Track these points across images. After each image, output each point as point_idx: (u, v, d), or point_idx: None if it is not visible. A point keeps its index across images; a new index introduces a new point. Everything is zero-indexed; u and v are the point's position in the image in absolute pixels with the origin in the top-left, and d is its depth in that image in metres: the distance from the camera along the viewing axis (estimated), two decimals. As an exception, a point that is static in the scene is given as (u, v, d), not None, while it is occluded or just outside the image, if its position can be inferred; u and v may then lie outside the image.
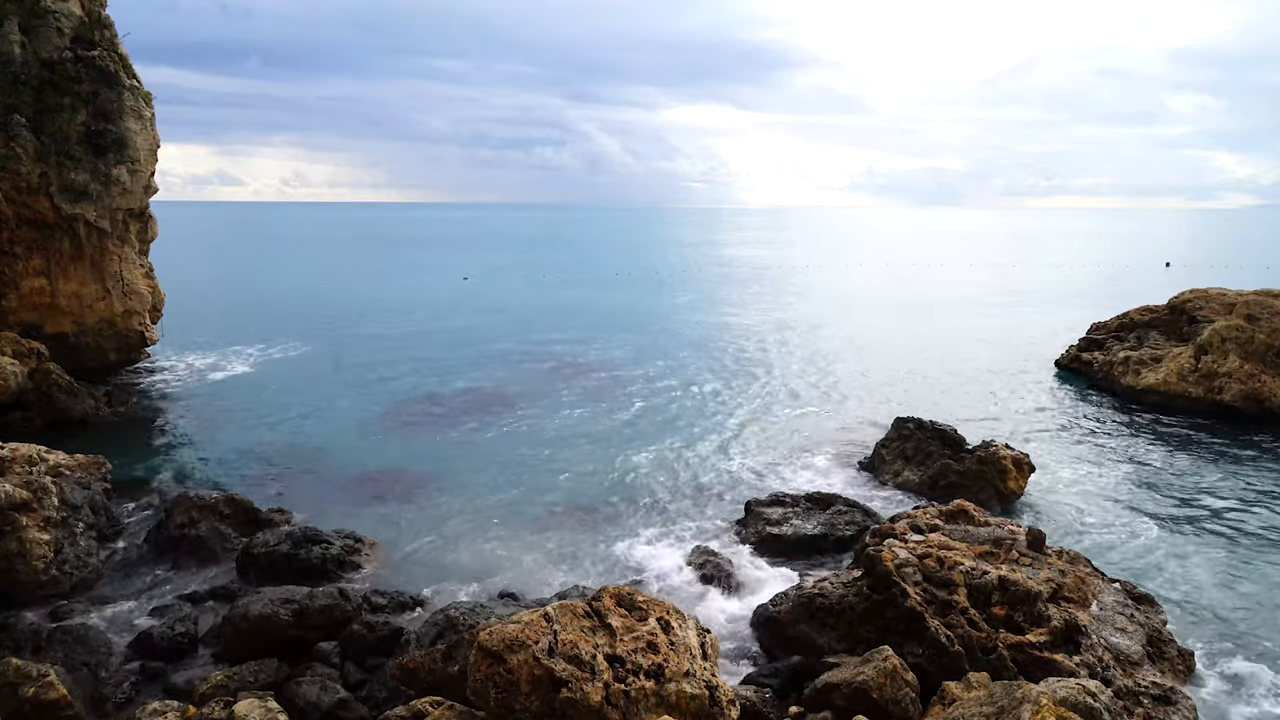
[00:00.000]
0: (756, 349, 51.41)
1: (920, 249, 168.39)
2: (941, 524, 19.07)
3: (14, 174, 33.94)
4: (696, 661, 12.74)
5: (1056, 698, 11.78)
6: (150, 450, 30.26)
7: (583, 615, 12.88)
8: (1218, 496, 26.10)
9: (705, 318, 65.28)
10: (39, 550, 18.57)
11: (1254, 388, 34.44)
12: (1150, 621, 16.89)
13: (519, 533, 23.33)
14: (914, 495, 25.82)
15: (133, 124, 36.91)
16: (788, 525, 22.24)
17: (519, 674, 11.73)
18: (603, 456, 29.88)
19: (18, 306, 35.72)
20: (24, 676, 14.11)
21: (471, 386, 40.70)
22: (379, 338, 54.55)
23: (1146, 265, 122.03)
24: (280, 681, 15.49)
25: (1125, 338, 42.24)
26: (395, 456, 29.70)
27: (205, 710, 13.52)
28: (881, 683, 13.85)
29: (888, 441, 28.78)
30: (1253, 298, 37.74)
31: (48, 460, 21.31)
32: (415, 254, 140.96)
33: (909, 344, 53.13)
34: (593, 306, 71.70)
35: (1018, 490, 25.57)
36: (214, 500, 22.41)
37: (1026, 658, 14.72)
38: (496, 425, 33.79)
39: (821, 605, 16.77)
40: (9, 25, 34.26)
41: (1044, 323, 62.27)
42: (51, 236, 36.00)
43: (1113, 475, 28.10)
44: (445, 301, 74.26)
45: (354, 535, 21.73)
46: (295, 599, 17.12)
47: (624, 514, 24.79)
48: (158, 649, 16.69)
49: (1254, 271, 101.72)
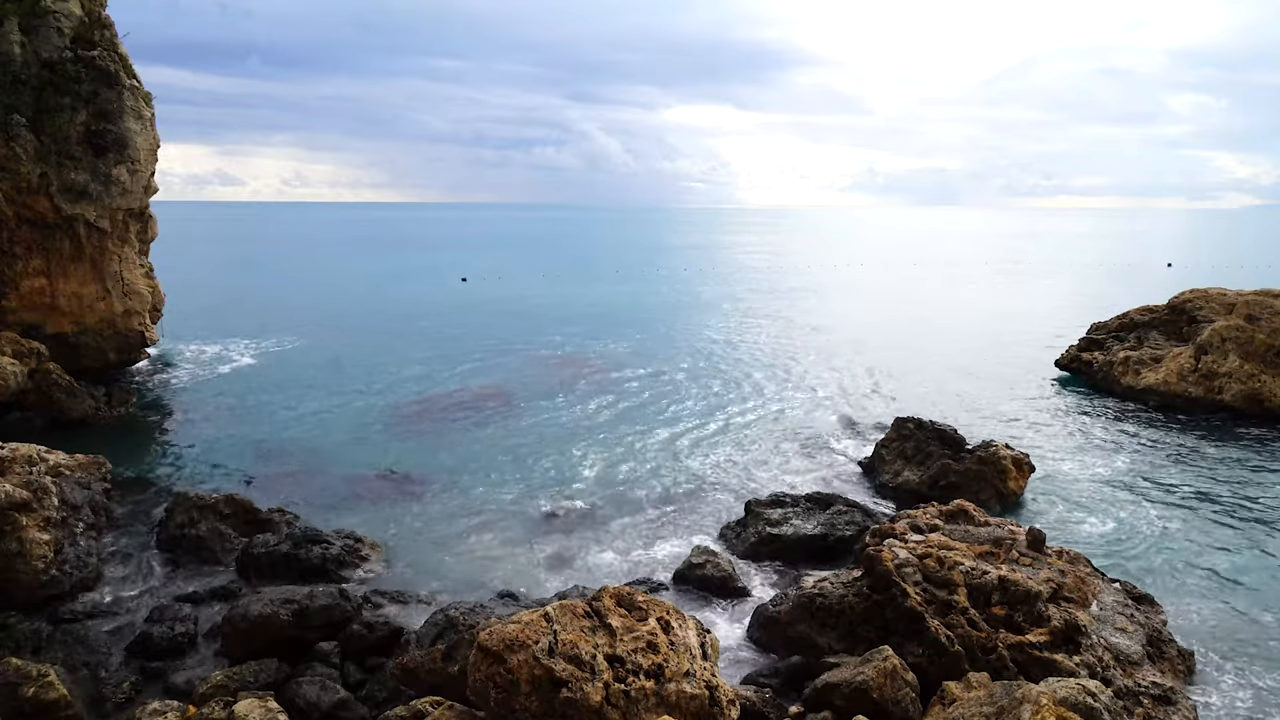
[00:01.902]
0: (756, 349, 51.42)
1: (920, 249, 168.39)
2: (941, 524, 19.07)
3: (14, 174, 33.94)
4: (696, 661, 12.74)
5: (1056, 698, 11.79)
6: (150, 450, 30.26)
7: (583, 615, 12.88)
8: (1218, 496, 26.10)
9: (705, 318, 65.28)
10: (39, 550, 18.56)
11: (1254, 388, 34.45)
12: (1150, 621, 16.89)
13: (519, 533, 23.34)
14: (914, 495, 25.82)
15: (133, 124, 36.90)
16: (788, 525, 22.23)
17: (519, 674, 11.73)
18: (602, 456, 29.89)
19: (18, 306, 35.71)
20: (24, 676, 14.11)
21: (471, 387, 40.69)
22: (379, 338, 54.54)
23: (1146, 265, 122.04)
24: (280, 681, 15.49)
25: (1125, 338, 42.22)
26: (395, 456, 29.70)
27: (205, 710, 13.52)
28: (881, 683, 13.85)
29: (888, 441, 28.77)
30: (1253, 298, 37.74)
31: (48, 460, 21.31)
32: (415, 254, 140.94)
33: (909, 344, 53.15)
34: (592, 307, 71.70)
35: (1018, 490, 25.56)
36: (214, 500, 22.40)
37: (1026, 658, 14.72)
38: (496, 425, 33.79)
39: (821, 605, 16.76)
40: (9, 25, 34.25)
41: (1044, 323, 62.26)
42: (51, 236, 35.99)
43: (1113, 475, 28.09)
44: (444, 302, 74.25)
45: (354, 535, 21.73)
46: (295, 599, 17.12)
47: (624, 514, 24.79)
48: (158, 649, 16.69)
49: (1254, 271, 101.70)
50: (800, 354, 49.76)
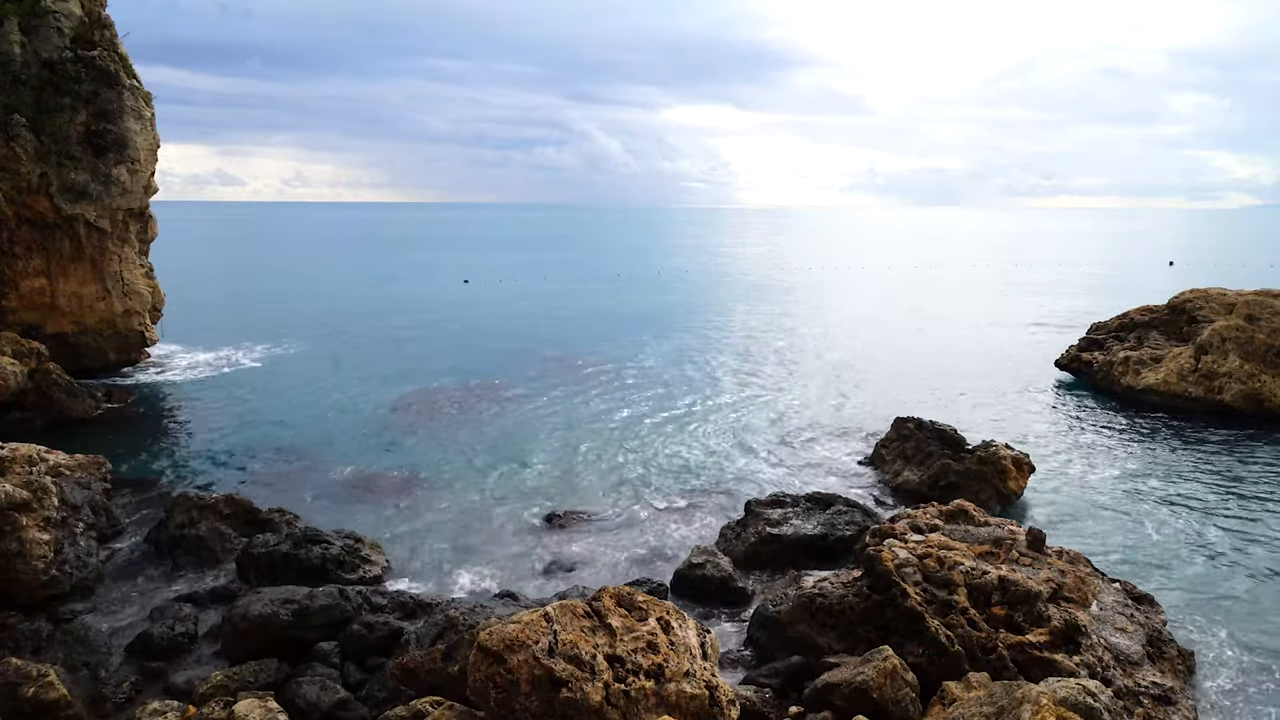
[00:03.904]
0: (756, 349, 51.43)
1: (921, 249, 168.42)
2: (941, 524, 19.06)
3: (14, 174, 33.94)
4: (696, 661, 12.74)
5: (1056, 698, 11.78)
6: (150, 450, 30.26)
7: (583, 615, 12.87)
8: (1218, 496, 26.09)
9: (705, 318, 65.29)
10: (39, 550, 18.56)
11: (1254, 388, 34.45)
12: (1150, 621, 16.88)
13: (519, 533, 23.34)
14: (914, 495, 25.81)
15: (133, 124, 36.91)
16: (788, 525, 22.22)
17: (519, 674, 11.72)
18: (602, 457, 29.89)
19: (18, 306, 35.72)
20: (24, 676, 14.10)
21: (471, 387, 40.69)
22: (379, 338, 54.56)
23: (1147, 265, 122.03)
24: (280, 681, 15.48)
25: (1125, 338, 42.22)
26: (395, 456, 29.70)
27: (205, 710, 13.52)
28: (881, 683, 13.84)
29: (888, 441, 28.77)
30: (1253, 298, 37.74)
31: (48, 460, 21.30)
32: (415, 254, 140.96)
33: (909, 344, 53.16)
34: (592, 307, 71.71)
35: (1018, 490, 25.55)
36: (214, 500, 22.40)
37: (1026, 658, 14.71)
38: (497, 425, 33.79)
39: (821, 605, 16.76)
40: (9, 25, 34.26)
41: (1044, 323, 62.29)
42: (51, 236, 36.01)
43: (1113, 475, 28.09)
44: (445, 302, 74.28)
45: (354, 535, 21.72)
46: (295, 599, 17.12)
47: (624, 514, 24.79)
48: (158, 649, 16.69)
49: (1254, 271, 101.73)
50: (800, 354, 49.77)
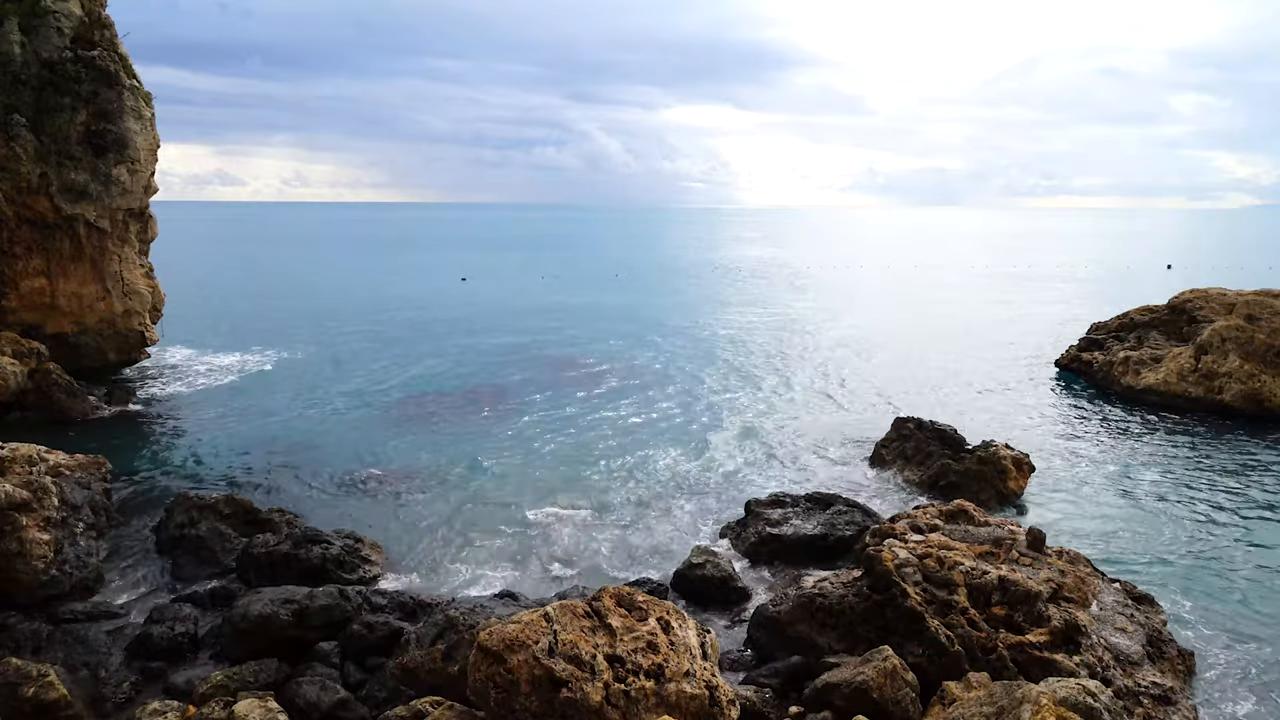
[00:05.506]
0: (756, 349, 51.43)
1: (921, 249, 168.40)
2: (941, 524, 19.06)
3: (14, 174, 33.92)
4: (696, 661, 12.74)
5: (1056, 698, 11.78)
6: (150, 450, 30.26)
7: (583, 615, 12.87)
8: (1217, 496, 26.09)
9: (705, 318, 65.29)
10: (39, 550, 18.55)
11: (1254, 388, 34.44)
12: (1150, 621, 16.88)
13: (519, 533, 23.34)
14: (914, 495, 25.82)
15: (133, 124, 36.89)
16: (788, 525, 22.22)
17: (519, 674, 11.72)
18: (602, 457, 29.89)
19: (18, 306, 35.70)
20: (24, 676, 14.10)
21: (471, 387, 40.70)
22: (378, 338, 54.56)
23: (1147, 265, 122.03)
24: (280, 681, 15.48)
25: (1125, 338, 42.23)
26: (395, 456, 29.70)
27: (205, 710, 13.52)
28: (881, 683, 13.84)
29: (888, 441, 28.77)
30: (1253, 298, 37.74)
31: (48, 460, 21.29)
32: (415, 254, 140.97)
33: (909, 344, 53.14)
34: (592, 307, 71.70)
35: (1018, 490, 25.56)
36: (214, 500, 22.40)
37: (1026, 658, 14.71)
38: (496, 425, 33.78)
39: (821, 605, 16.75)
40: (9, 25, 34.24)
41: (1044, 323, 62.27)
42: (51, 236, 35.98)
43: (1112, 475, 28.09)
44: (444, 302, 74.27)
45: (354, 535, 21.72)
46: (295, 599, 17.12)
47: (624, 514, 24.79)
48: (158, 649, 16.68)
49: (1254, 271, 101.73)
50: (799, 354, 49.76)
